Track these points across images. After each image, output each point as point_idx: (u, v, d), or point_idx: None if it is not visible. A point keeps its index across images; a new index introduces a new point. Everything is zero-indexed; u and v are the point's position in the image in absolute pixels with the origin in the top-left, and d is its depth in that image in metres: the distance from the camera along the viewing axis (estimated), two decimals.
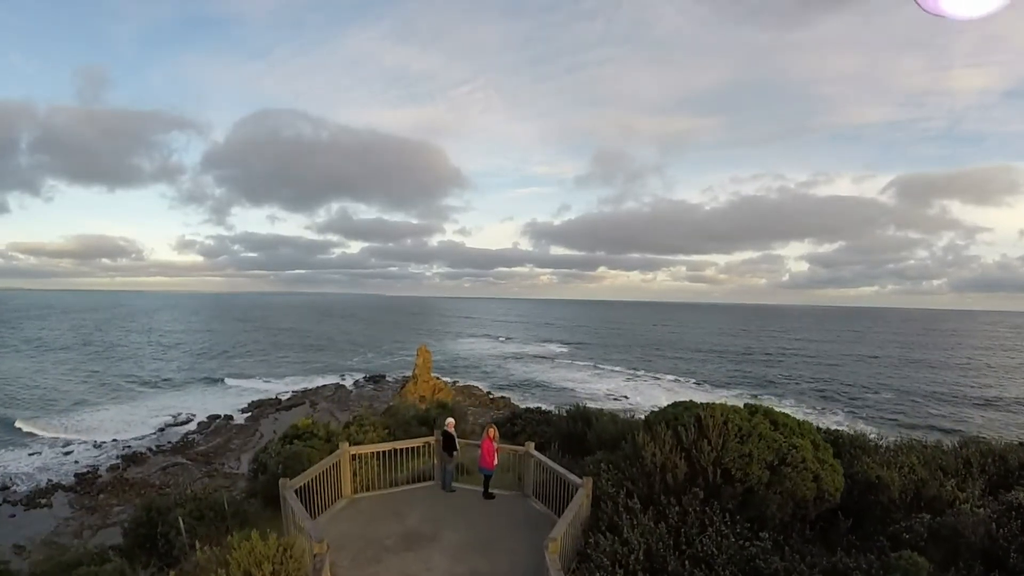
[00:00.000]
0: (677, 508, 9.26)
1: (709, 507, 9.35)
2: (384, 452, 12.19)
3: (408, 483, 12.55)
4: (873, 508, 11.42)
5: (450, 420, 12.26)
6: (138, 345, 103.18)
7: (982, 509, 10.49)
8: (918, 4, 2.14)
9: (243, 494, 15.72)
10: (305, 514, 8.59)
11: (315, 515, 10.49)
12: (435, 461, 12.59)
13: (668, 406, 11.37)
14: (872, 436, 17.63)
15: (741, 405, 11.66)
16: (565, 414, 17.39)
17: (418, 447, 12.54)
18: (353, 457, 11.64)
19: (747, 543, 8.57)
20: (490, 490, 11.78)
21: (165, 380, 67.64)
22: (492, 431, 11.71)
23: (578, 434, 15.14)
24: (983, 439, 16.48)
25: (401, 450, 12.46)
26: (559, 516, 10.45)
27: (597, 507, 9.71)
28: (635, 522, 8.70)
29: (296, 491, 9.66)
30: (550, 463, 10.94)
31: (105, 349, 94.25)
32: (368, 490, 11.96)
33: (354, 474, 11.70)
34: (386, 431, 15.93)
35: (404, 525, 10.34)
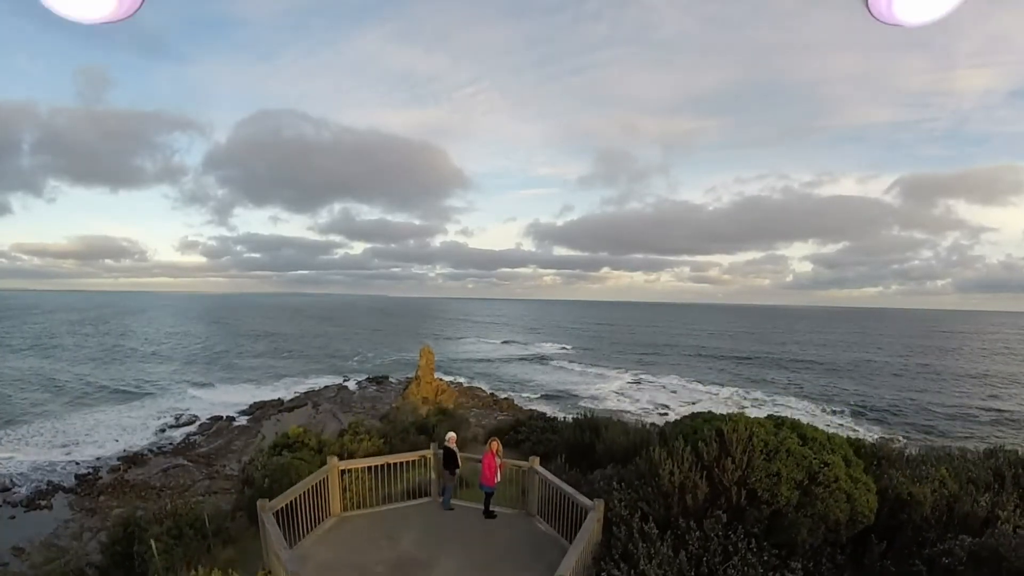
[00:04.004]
0: (698, 533, 8.35)
1: (733, 532, 8.44)
2: (377, 467, 11.28)
3: (403, 499, 11.63)
4: (905, 527, 10.57)
5: (451, 435, 11.28)
6: (137, 346, 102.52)
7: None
8: (873, 16, 2.17)
9: (230, 506, 14.91)
10: (283, 542, 7.67)
11: (301, 535, 9.63)
12: (432, 475, 11.68)
13: (685, 417, 10.44)
14: (896, 445, 16.78)
15: (764, 416, 10.77)
16: (572, 421, 16.45)
17: (413, 461, 11.62)
18: (343, 472, 10.73)
19: (776, 574, 7.69)
20: (491, 508, 10.87)
21: (163, 382, 66.92)
22: (495, 445, 10.76)
23: (585, 445, 14.20)
24: (1010, 449, 15.59)
25: (395, 464, 11.55)
26: (566, 538, 9.54)
27: (609, 531, 8.79)
28: (652, 551, 7.79)
29: (281, 509, 8.83)
30: (557, 482, 9.98)
31: (98, 350, 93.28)
32: (359, 507, 11.04)
33: (344, 490, 10.79)
34: (382, 440, 15.04)
35: (396, 549, 9.41)
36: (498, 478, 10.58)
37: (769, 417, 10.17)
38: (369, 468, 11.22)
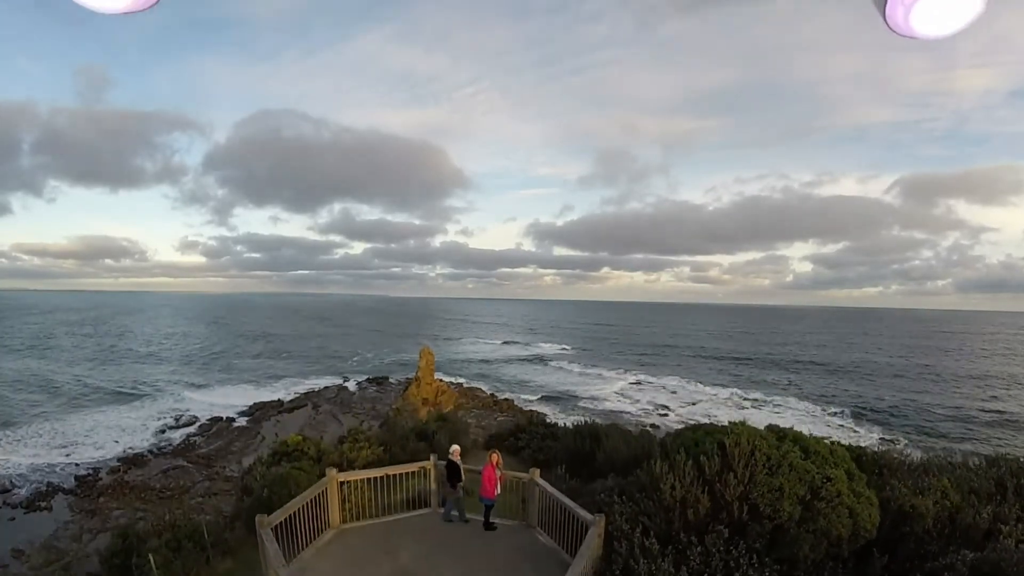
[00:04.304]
0: (699, 548, 8.29)
1: (734, 547, 8.38)
2: (376, 478, 11.21)
3: (403, 509, 11.57)
4: (907, 540, 10.50)
5: (455, 447, 11.18)
6: (136, 347, 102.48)
7: None
8: (888, 27, 2.16)
9: (230, 508, 14.86)
10: (281, 559, 7.61)
11: (300, 548, 9.57)
12: (433, 486, 11.62)
13: (687, 429, 10.37)
14: (898, 447, 16.69)
15: (765, 422, 10.72)
16: (572, 428, 16.38)
17: (413, 472, 11.56)
18: (342, 484, 10.66)
19: None
20: (491, 520, 10.81)
21: (162, 383, 66.82)
22: (495, 457, 10.71)
23: (586, 453, 14.12)
24: (1012, 458, 15.51)
25: (394, 474, 11.49)
26: (566, 551, 9.49)
27: (609, 546, 8.73)
28: (653, 567, 7.73)
29: (279, 522, 8.76)
30: (558, 495, 9.90)
31: (97, 351, 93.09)
32: (359, 518, 10.97)
33: (343, 501, 10.73)
34: (382, 448, 14.97)
35: (395, 563, 9.35)
36: (498, 490, 10.53)
37: (771, 429, 10.10)
38: (368, 479, 11.15)
